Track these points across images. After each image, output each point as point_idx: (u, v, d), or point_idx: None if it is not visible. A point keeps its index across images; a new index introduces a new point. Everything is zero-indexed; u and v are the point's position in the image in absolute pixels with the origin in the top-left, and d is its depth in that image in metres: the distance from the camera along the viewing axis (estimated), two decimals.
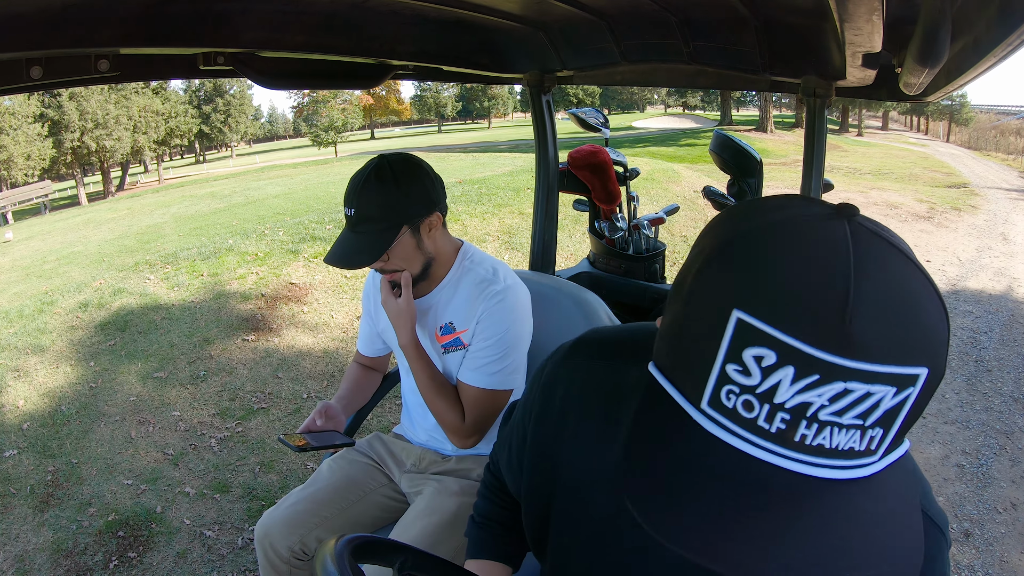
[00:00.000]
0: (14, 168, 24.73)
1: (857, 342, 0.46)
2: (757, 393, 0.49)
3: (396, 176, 1.59)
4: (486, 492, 1.21)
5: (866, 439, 0.49)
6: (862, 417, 0.48)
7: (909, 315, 0.49)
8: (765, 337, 0.48)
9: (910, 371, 0.48)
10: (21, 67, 1.14)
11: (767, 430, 0.49)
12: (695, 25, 1.47)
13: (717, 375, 0.51)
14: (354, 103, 52.95)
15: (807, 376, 0.47)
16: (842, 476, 0.50)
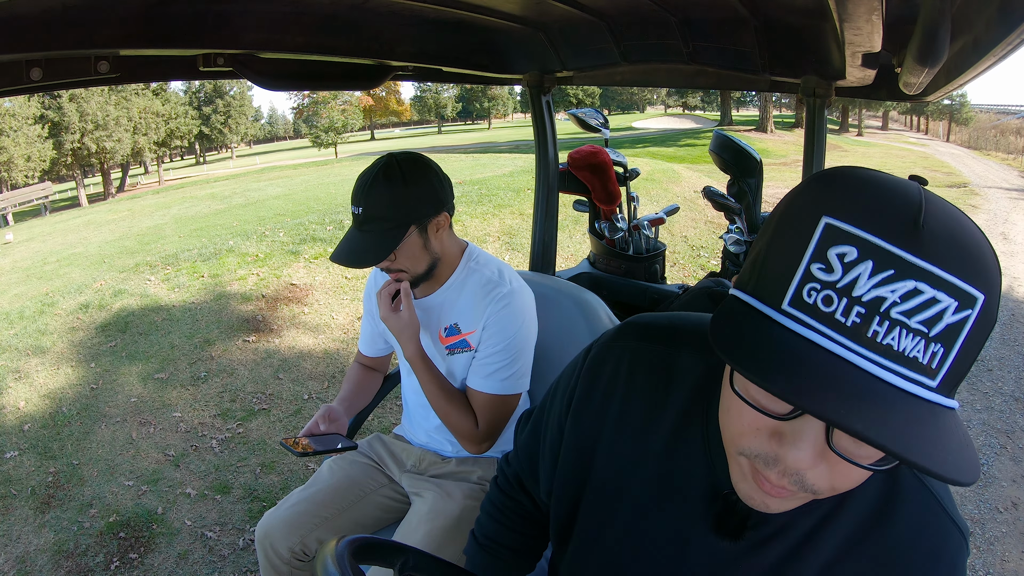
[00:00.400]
0: (14, 169, 24.72)
1: (927, 245, 0.52)
2: (837, 288, 0.53)
3: (405, 175, 1.58)
4: (494, 511, 1.17)
5: (929, 352, 0.52)
6: (927, 324, 0.52)
7: (971, 241, 0.54)
8: (849, 236, 0.53)
9: (970, 290, 0.52)
10: (21, 68, 1.14)
11: (843, 323, 0.53)
12: (695, 25, 1.47)
13: (802, 274, 0.55)
14: (354, 104, 52.97)
15: (883, 270, 0.52)
16: (905, 386, 0.52)
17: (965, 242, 0.54)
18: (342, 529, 1.79)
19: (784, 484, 0.61)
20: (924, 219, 0.53)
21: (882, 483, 0.74)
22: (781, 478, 0.61)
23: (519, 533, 1.14)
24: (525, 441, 1.09)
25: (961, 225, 0.55)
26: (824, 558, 0.74)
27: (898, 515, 0.73)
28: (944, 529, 0.74)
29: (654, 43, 1.61)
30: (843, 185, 0.57)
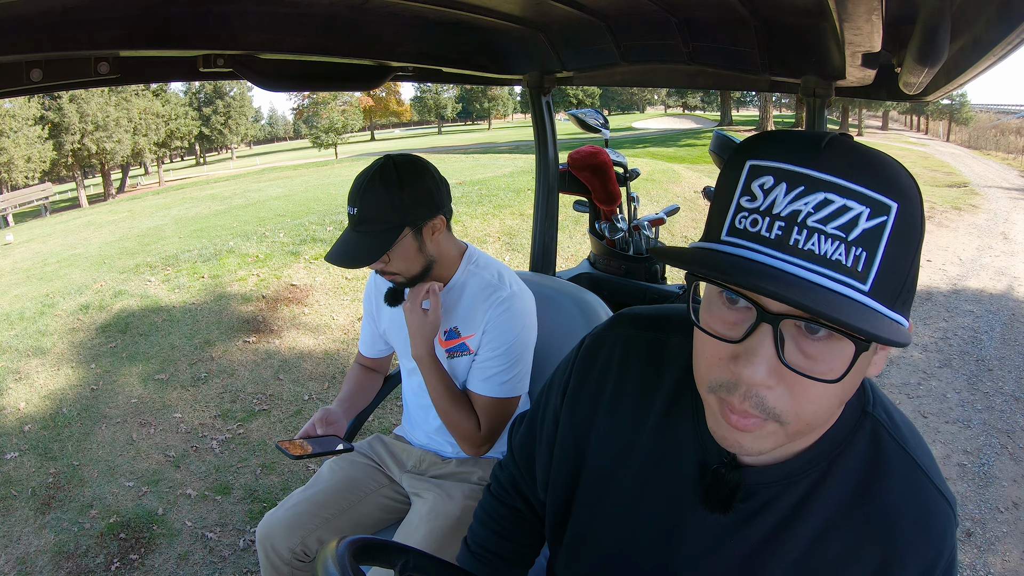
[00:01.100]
0: (14, 170, 24.74)
1: (831, 162, 0.60)
2: (761, 211, 0.62)
3: (400, 177, 1.58)
4: (486, 519, 1.17)
5: (851, 255, 0.59)
6: (843, 230, 0.59)
7: (878, 160, 0.62)
8: (767, 169, 0.62)
9: (881, 198, 0.59)
10: (21, 69, 1.14)
11: (768, 237, 0.61)
12: (695, 25, 1.47)
13: (734, 208, 0.64)
14: (354, 105, 52.97)
15: (796, 187, 0.60)
16: (834, 287, 0.59)
17: (872, 160, 0.61)
18: (342, 529, 1.79)
19: (747, 408, 0.65)
20: (828, 142, 0.61)
21: (867, 452, 0.76)
22: (743, 401, 0.65)
23: (511, 541, 1.14)
24: (520, 441, 1.10)
25: (870, 150, 0.63)
26: (812, 529, 0.76)
27: (884, 486, 0.75)
28: (931, 499, 0.75)
29: (654, 43, 1.61)
30: (764, 136, 0.66)
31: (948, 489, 0.78)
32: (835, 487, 0.76)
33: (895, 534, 0.74)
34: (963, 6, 0.79)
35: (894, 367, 4.85)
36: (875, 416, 0.78)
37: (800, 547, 0.76)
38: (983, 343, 5.31)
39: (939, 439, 3.86)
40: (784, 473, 0.77)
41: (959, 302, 6.33)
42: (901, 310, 0.63)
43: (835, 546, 0.75)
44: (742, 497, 0.78)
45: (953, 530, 0.76)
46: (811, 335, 0.62)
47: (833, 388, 0.63)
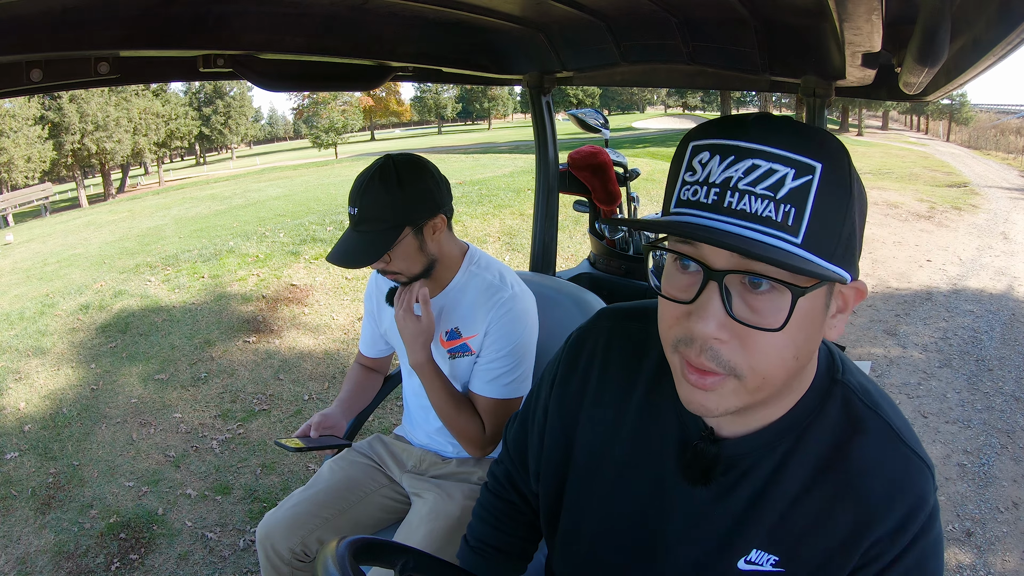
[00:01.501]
0: (14, 170, 24.74)
1: (756, 132, 0.67)
2: (699, 182, 0.69)
3: (401, 177, 1.58)
4: (484, 514, 1.20)
5: (780, 212, 0.65)
6: (772, 190, 0.66)
7: (802, 127, 0.68)
8: (704, 146, 0.70)
9: (804, 159, 0.66)
10: (21, 70, 1.13)
11: (706, 203, 0.68)
12: (695, 25, 1.47)
13: (679, 184, 0.72)
14: (354, 105, 52.98)
15: (727, 157, 0.67)
16: (768, 240, 0.66)
17: (796, 128, 0.68)
18: (342, 529, 1.79)
19: (703, 361, 0.70)
20: (755, 118, 0.69)
21: (839, 417, 0.79)
22: (700, 355, 0.70)
23: (508, 534, 1.17)
24: (514, 435, 1.14)
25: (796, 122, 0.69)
26: (788, 495, 0.79)
27: (856, 448, 0.77)
28: (905, 459, 0.77)
29: (654, 43, 1.61)
30: (705, 122, 0.74)
31: (924, 451, 0.80)
32: (808, 452, 0.79)
33: (868, 492, 0.76)
34: (963, 6, 0.79)
35: (894, 367, 4.85)
36: (845, 383, 0.82)
37: (777, 512, 0.79)
38: (983, 343, 5.31)
39: (939, 439, 3.86)
40: (760, 443, 0.80)
41: (959, 302, 6.33)
42: (841, 263, 0.69)
43: (810, 509, 0.78)
44: (722, 470, 0.82)
45: (930, 489, 0.77)
46: (755, 289, 0.68)
47: (782, 340, 0.69)
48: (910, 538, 0.75)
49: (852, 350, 5.10)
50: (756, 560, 0.80)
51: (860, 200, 0.71)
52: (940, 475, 3.50)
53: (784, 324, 0.67)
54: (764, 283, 0.67)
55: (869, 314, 5.97)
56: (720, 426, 0.82)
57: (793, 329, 0.68)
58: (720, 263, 0.68)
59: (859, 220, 0.71)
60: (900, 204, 11.11)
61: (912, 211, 10.71)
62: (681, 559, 0.85)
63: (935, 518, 0.77)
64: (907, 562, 0.76)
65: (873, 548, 0.75)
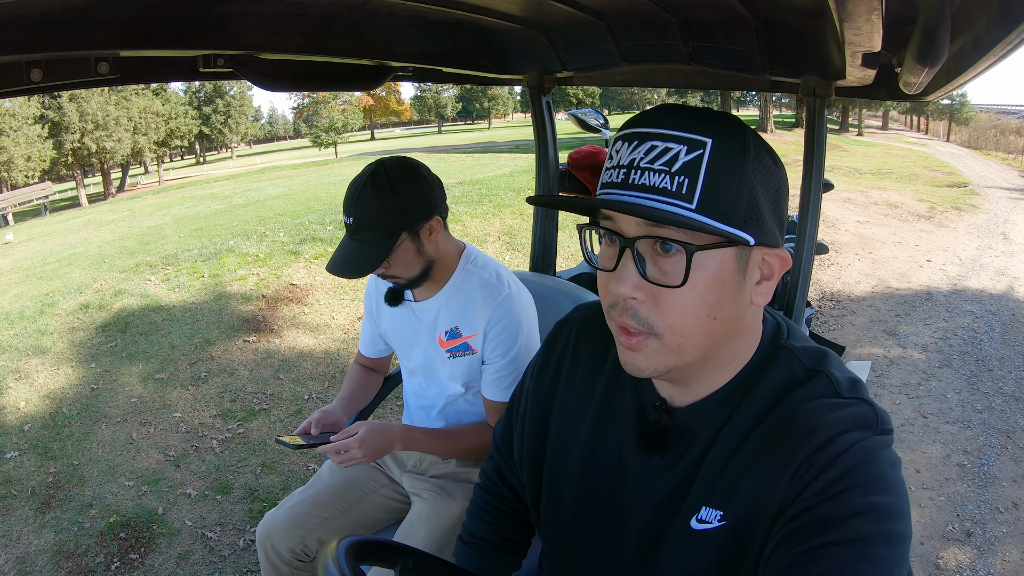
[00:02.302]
0: (14, 169, 24.74)
1: (656, 119, 0.77)
2: (614, 166, 0.79)
3: (392, 182, 1.57)
4: (477, 511, 1.24)
5: (675, 183, 0.74)
6: (667, 165, 0.74)
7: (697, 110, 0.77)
8: (619, 136, 0.80)
9: (695, 136, 0.74)
10: (21, 70, 1.13)
11: (616, 182, 0.78)
12: (695, 25, 1.47)
13: (604, 169, 0.81)
14: (354, 104, 52.98)
15: (632, 142, 0.77)
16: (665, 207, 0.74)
17: (691, 111, 0.77)
18: (342, 529, 1.79)
19: (626, 320, 0.78)
20: (658, 107, 0.79)
21: (780, 377, 0.83)
22: (622, 315, 0.78)
23: (501, 528, 1.21)
24: (501, 429, 1.21)
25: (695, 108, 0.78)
26: (727, 451, 0.82)
27: (791, 400, 0.80)
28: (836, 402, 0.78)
29: (654, 43, 1.61)
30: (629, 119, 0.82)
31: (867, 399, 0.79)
32: (748, 411, 0.82)
33: (793, 434, 0.77)
34: (963, 6, 0.79)
35: (894, 367, 4.85)
36: (788, 347, 0.86)
37: (718, 468, 0.82)
38: (983, 343, 5.31)
39: (939, 439, 3.86)
40: (707, 409, 0.85)
41: (959, 302, 6.33)
42: (742, 227, 0.76)
43: (745, 460, 0.80)
44: (675, 438, 0.87)
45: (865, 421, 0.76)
46: (665, 254, 0.76)
47: (692, 297, 0.76)
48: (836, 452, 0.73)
49: (852, 350, 5.10)
50: (706, 518, 0.82)
51: (762, 172, 0.77)
52: (940, 475, 3.51)
53: (685, 279, 0.74)
54: (672, 247, 0.75)
55: (869, 314, 5.97)
56: (672, 397, 0.89)
57: (701, 286, 0.76)
58: (631, 231, 0.77)
59: (763, 190, 0.77)
60: (900, 204, 11.11)
61: (912, 211, 10.71)
62: (643, 527, 0.88)
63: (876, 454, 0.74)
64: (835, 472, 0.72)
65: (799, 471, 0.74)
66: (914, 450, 3.74)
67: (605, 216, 0.80)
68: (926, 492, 3.36)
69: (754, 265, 0.79)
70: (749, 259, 0.78)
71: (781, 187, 0.81)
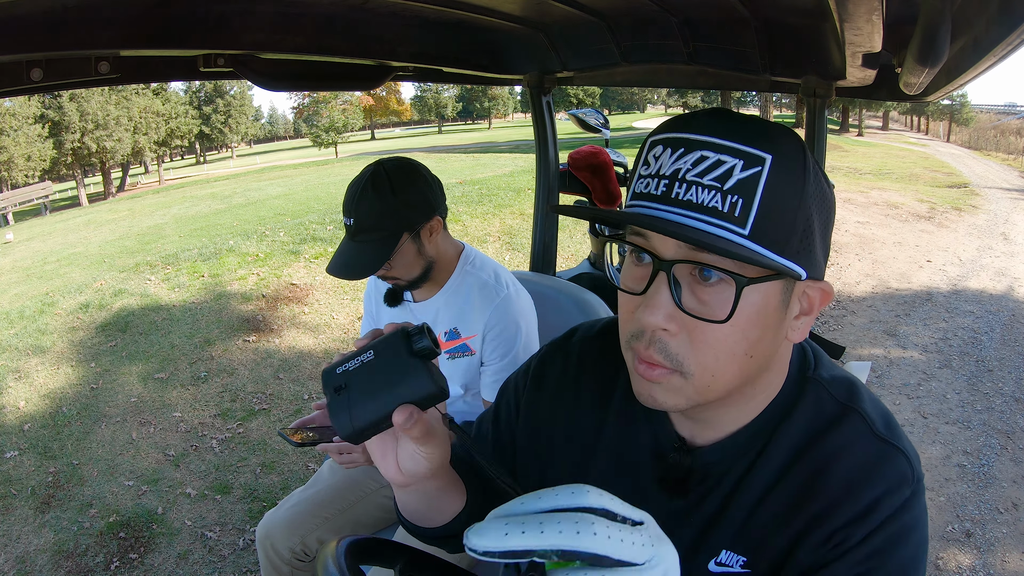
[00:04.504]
0: (15, 169, 24.74)
1: (704, 125, 0.68)
2: (651, 175, 0.69)
3: (392, 183, 1.57)
4: None
5: (727, 202, 0.65)
6: (719, 180, 0.65)
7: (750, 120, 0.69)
8: (658, 140, 0.71)
9: (753, 151, 0.65)
10: (21, 69, 1.13)
11: (656, 195, 0.68)
12: (695, 25, 1.47)
13: (636, 178, 0.72)
14: (354, 104, 52.96)
15: (677, 150, 0.67)
16: (714, 231, 0.65)
17: (746, 120, 0.68)
18: (342, 529, 1.79)
19: (652, 354, 0.69)
20: (706, 111, 0.70)
21: (810, 414, 0.77)
22: (648, 348, 0.69)
23: None
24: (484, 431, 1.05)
25: (747, 116, 0.70)
26: (755, 494, 0.77)
27: (825, 441, 0.75)
28: (876, 447, 0.74)
29: (654, 43, 1.61)
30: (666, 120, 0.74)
31: (902, 440, 0.76)
32: (778, 451, 0.77)
33: (833, 482, 0.73)
34: (963, 6, 0.78)
35: (894, 368, 4.85)
36: (817, 379, 0.80)
37: (744, 512, 0.77)
38: (983, 344, 5.31)
39: (939, 440, 3.86)
40: (732, 448, 0.79)
41: (959, 302, 6.33)
42: (795, 259, 0.68)
43: (776, 505, 0.75)
44: (698, 479, 0.80)
45: (904, 478, 0.73)
46: (704, 282, 0.67)
47: (732, 334, 0.68)
48: (876, 523, 0.71)
49: (852, 350, 5.10)
50: (726, 561, 0.78)
51: (819, 198, 0.69)
52: (939, 476, 3.50)
53: (730, 315, 0.66)
54: (713, 275, 0.67)
55: (869, 315, 5.97)
56: (692, 435, 0.82)
57: (743, 323, 0.68)
58: (668, 253, 0.68)
59: (818, 217, 0.69)
60: (900, 205, 11.11)
61: (912, 212, 10.70)
62: None
63: (909, 507, 0.73)
64: (873, 545, 0.71)
65: (836, 536, 0.71)
66: None
67: (635, 231, 0.71)
68: (926, 492, 3.35)
69: (796, 298, 0.72)
70: (793, 292, 0.71)
71: (832, 214, 0.73)
